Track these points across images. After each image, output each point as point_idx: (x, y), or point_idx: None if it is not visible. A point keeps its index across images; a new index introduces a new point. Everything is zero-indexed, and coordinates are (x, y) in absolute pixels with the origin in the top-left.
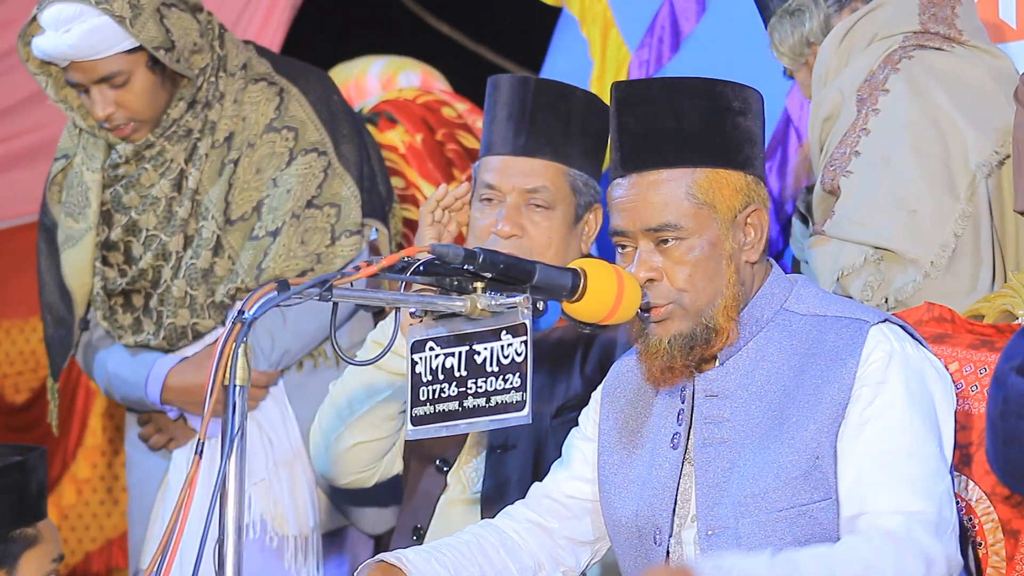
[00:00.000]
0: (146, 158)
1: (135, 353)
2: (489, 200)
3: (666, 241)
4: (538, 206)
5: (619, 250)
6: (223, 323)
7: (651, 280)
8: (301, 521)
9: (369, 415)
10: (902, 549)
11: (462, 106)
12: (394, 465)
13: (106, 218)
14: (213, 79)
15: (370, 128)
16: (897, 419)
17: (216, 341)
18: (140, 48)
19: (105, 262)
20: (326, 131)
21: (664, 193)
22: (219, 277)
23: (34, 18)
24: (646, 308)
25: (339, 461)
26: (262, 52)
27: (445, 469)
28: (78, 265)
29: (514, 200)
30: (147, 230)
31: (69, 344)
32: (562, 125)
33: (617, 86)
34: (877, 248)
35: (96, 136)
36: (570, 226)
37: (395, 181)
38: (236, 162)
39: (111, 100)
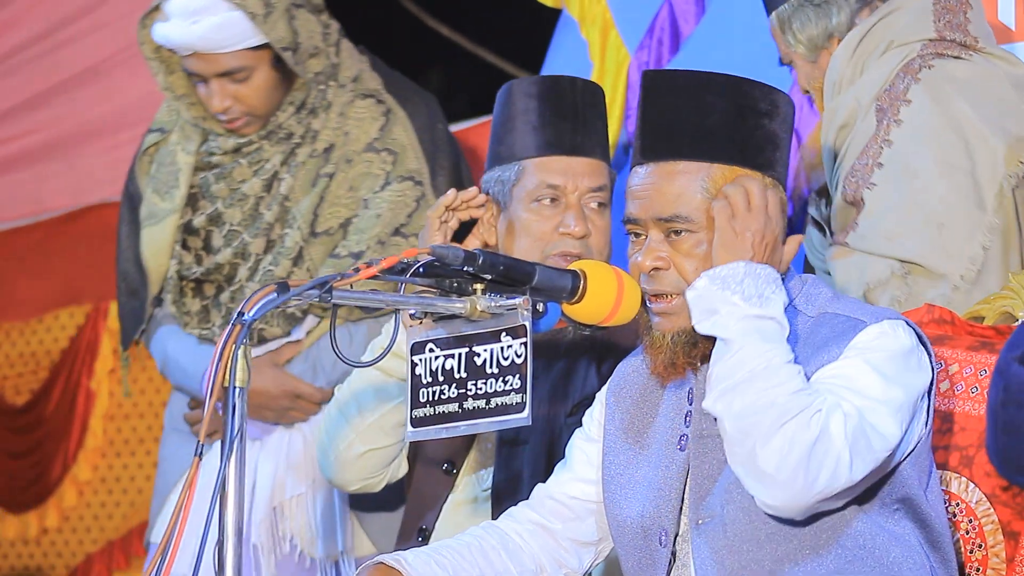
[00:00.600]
0: (243, 153)
1: (200, 343)
2: (552, 200)
3: (677, 232)
4: (599, 204)
5: (631, 238)
6: (288, 334)
7: (657, 269)
8: (330, 544)
9: (380, 421)
10: (810, 405)
11: None
12: (401, 468)
13: (192, 201)
14: (323, 86)
15: None
16: (864, 370)
17: (221, 345)
18: (265, 45)
19: (184, 245)
20: (425, 160)
21: (679, 185)
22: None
23: (157, 5)
24: (655, 296)
25: (349, 467)
26: (375, 66)
27: (454, 471)
28: (158, 245)
29: (577, 200)
30: (230, 224)
31: (141, 318)
32: (602, 124)
33: (646, 75)
34: (904, 262)
35: (200, 127)
36: None
37: None
38: (331, 176)
39: (230, 93)
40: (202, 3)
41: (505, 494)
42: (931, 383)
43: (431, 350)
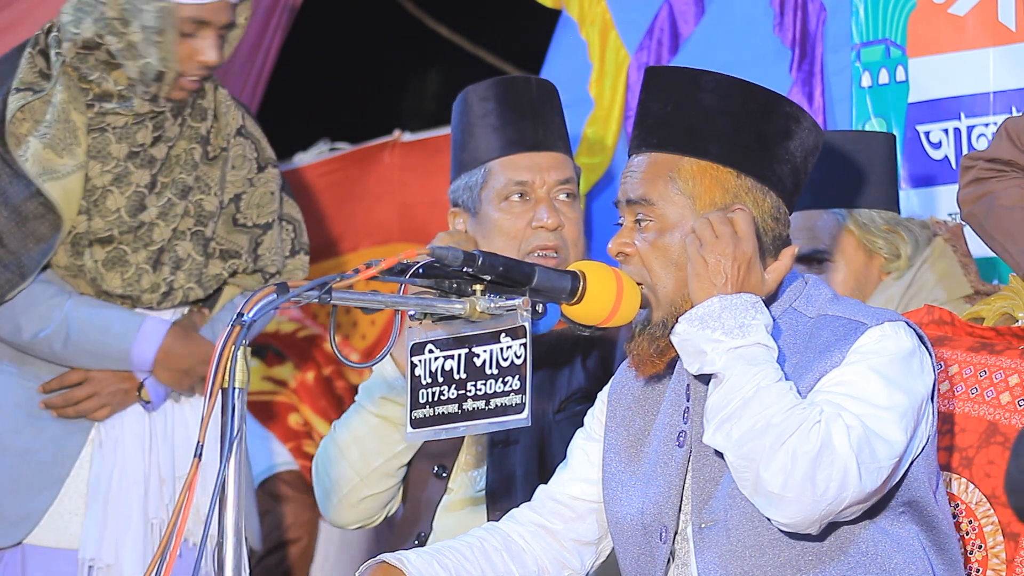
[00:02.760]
0: (150, 116)
1: (111, 306)
2: (522, 196)
3: (641, 220)
4: (568, 195)
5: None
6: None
7: (624, 254)
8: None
9: (384, 467)
10: (808, 419)
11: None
12: (396, 503)
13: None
14: None
15: (258, 362)
16: (868, 376)
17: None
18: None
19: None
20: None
21: (650, 172)
22: (221, 251)
23: None
24: None
25: (351, 511)
26: None
27: (444, 475)
28: (69, 198)
29: (546, 193)
30: (137, 185)
31: (26, 274)
32: (560, 120)
33: (647, 71)
34: None
35: (154, 94)
36: None
37: (294, 417)
38: (225, 150)
39: (219, 47)
40: None
41: (500, 494)
42: (934, 384)
43: (431, 351)
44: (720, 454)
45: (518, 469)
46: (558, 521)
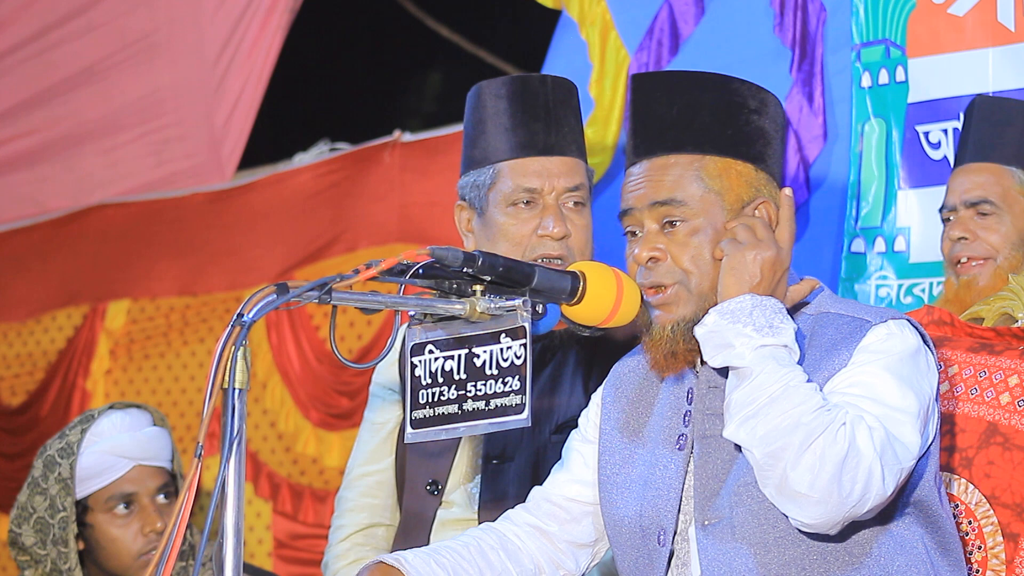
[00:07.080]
0: None
1: None
2: (528, 203)
3: (672, 223)
4: (576, 203)
5: (628, 238)
6: None
7: (654, 259)
8: None
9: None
10: (835, 420)
11: None
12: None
13: None
14: None
15: None
16: (882, 377)
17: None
18: None
19: None
20: None
21: (674, 175)
22: None
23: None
24: (652, 288)
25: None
26: None
27: (437, 492)
28: None
29: (555, 200)
30: None
31: None
32: (575, 121)
33: (635, 78)
34: None
35: None
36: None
37: None
38: None
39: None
40: (137, 417)
41: (492, 513)
42: (938, 383)
43: (431, 351)
44: (726, 453)
45: (511, 488)
46: (553, 523)
